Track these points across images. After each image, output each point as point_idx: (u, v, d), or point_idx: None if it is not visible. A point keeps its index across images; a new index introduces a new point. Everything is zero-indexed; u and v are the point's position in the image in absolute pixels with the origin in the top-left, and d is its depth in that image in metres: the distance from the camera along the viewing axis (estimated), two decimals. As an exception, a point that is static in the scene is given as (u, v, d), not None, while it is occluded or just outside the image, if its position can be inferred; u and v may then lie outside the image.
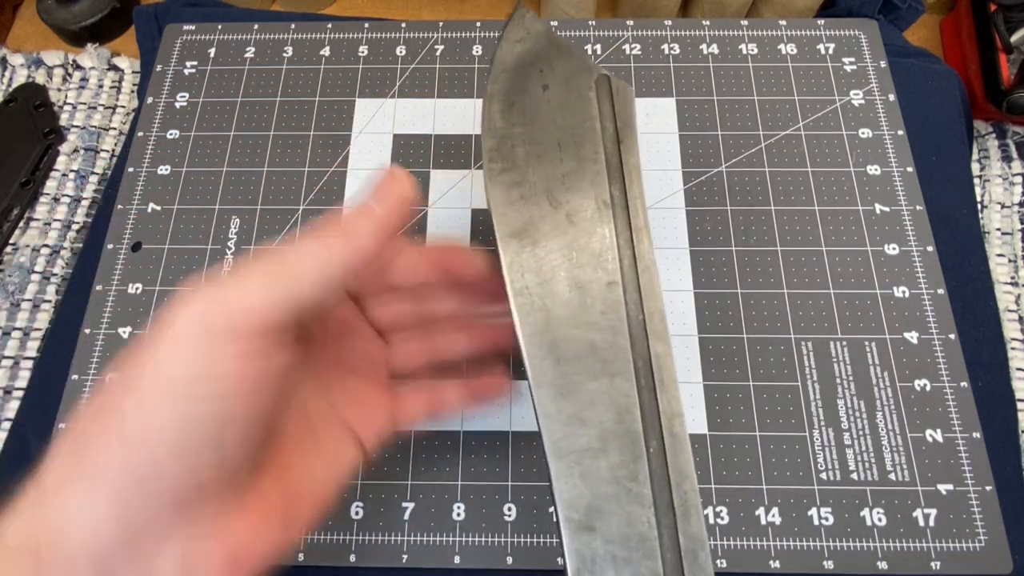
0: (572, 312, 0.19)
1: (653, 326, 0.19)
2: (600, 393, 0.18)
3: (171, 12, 0.41)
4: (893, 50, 0.39)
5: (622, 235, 0.20)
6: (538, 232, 0.20)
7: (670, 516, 0.17)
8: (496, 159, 0.21)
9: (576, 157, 0.21)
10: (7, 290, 0.36)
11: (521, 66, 0.22)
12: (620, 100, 0.22)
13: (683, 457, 0.18)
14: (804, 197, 0.35)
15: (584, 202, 0.20)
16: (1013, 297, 0.35)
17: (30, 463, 0.31)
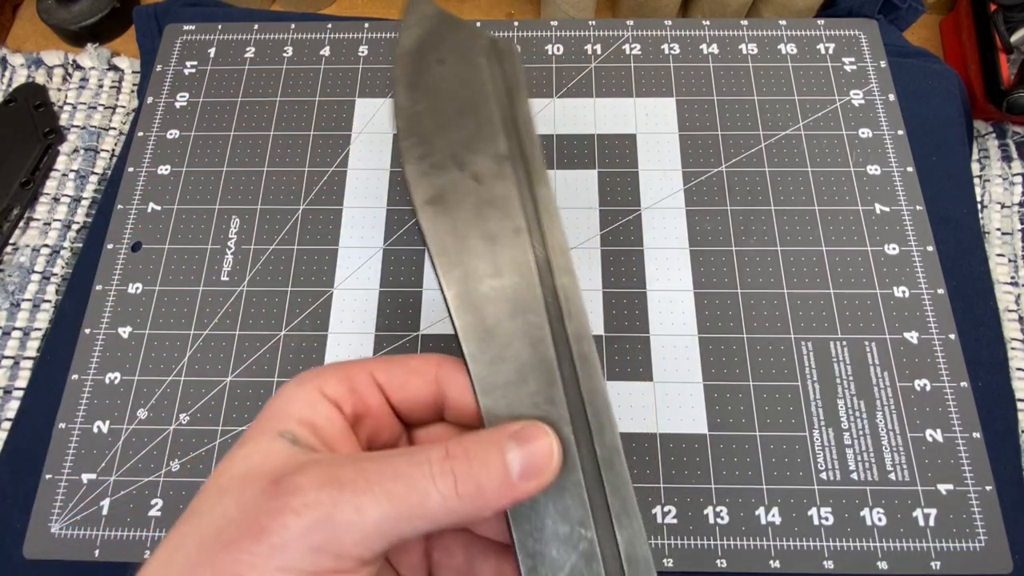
0: (487, 263, 0.20)
1: (557, 262, 0.21)
2: (516, 330, 0.20)
3: (171, 12, 0.41)
4: (893, 50, 0.39)
5: (523, 185, 0.22)
6: (451, 196, 0.21)
7: (586, 431, 0.19)
8: (407, 136, 0.22)
9: (475, 120, 0.22)
10: (7, 290, 0.36)
11: (419, 48, 0.23)
12: (507, 61, 0.23)
13: (595, 377, 0.19)
14: (804, 197, 0.35)
15: (486, 160, 0.22)
16: (1013, 297, 0.35)
17: (30, 463, 0.31)
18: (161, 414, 0.32)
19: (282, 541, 0.15)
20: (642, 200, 0.35)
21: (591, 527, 0.18)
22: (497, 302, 0.20)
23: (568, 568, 0.18)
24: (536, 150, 0.22)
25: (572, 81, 0.38)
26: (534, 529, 0.18)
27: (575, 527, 0.18)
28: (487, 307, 0.20)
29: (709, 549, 0.29)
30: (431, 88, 0.22)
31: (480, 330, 0.20)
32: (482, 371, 0.19)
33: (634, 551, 0.18)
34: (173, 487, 0.30)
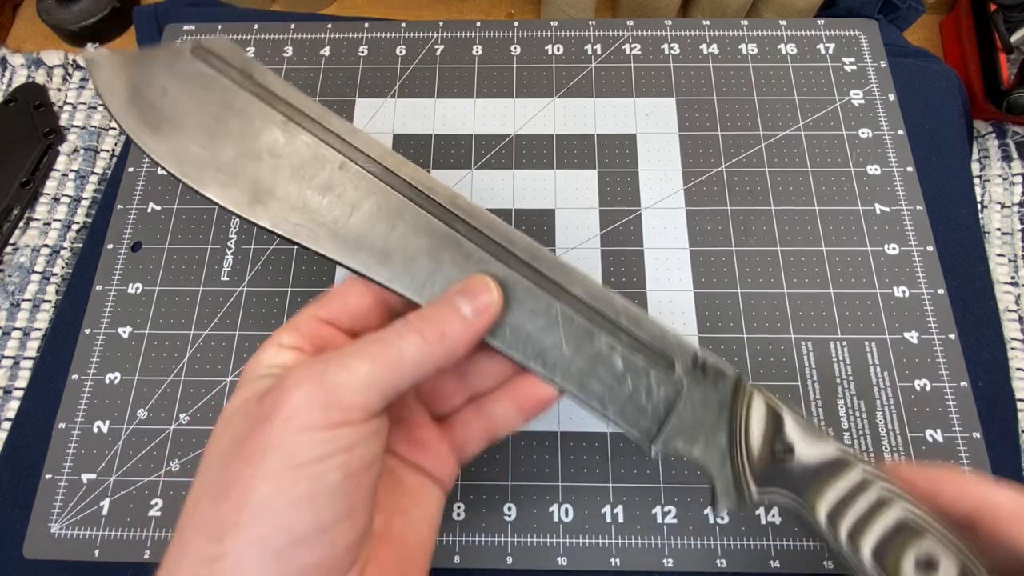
0: (339, 208, 0.22)
1: (391, 163, 0.23)
2: (404, 233, 0.22)
3: (171, 12, 0.41)
4: (893, 50, 0.39)
5: (316, 131, 0.23)
6: (265, 185, 0.22)
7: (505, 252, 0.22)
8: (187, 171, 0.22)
9: (236, 114, 0.23)
10: (7, 290, 0.36)
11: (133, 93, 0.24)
12: (224, 51, 0.24)
13: (481, 216, 0.22)
14: (804, 197, 0.35)
15: (271, 135, 0.23)
16: (1013, 297, 0.35)
17: (30, 463, 0.31)
18: (161, 414, 0.32)
19: (292, 409, 0.17)
20: (642, 200, 0.35)
21: (554, 302, 0.21)
22: (374, 226, 0.22)
23: (562, 339, 0.21)
24: (305, 99, 0.24)
25: (572, 81, 0.38)
26: (524, 341, 0.21)
27: (546, 313, 0.21)
28: (369, 237, 0.22)
29: (709, 549, 0.29)
30: (172, 119, 0.23)
31: (377, 256, 0.22)
32: (405, 280, 0.22)
33: (590, 290, 0.22)
34: (173, 487, 0.30)
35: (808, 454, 0.20)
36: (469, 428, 0.23)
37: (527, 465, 0.30)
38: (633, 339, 0.22)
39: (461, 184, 0.36)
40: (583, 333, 0.21)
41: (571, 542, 0.29)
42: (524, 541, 0.29)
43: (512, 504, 0.30)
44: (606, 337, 0.21)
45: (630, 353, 0.21)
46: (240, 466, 0.17)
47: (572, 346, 0.21)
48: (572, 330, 0.21)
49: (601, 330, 0.21)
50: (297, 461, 0.16)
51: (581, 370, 0.21)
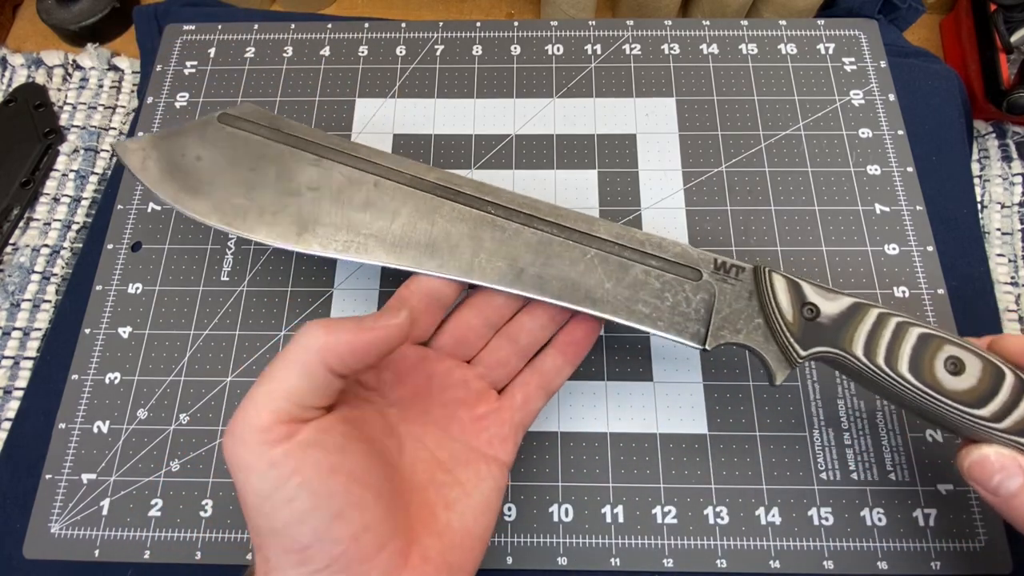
0: (381, 219, 0.25)
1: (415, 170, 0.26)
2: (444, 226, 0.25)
3: (171, 12, 0.41)
4: (893, 50, 0.39)
5: (345, 160, 0.26)
6: (311, 216, 0.25)
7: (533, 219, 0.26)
8: (234, 222, 0.26)
9: (271, 161, 0.26)
10: (7, 290, 0.36)
11: (168, 168, 0.27)
12: (248, 113, 0.28)
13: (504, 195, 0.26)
14: (804, 197, 0.35)
15: (307, 173, 0.26)
16: (1013, 297, 0.35)
17: (30, 463, 0.31)
18: (161, 414, 0.32)
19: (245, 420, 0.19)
20: (642, 200, 0.35)
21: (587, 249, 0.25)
22: (415, 228, 0.25)
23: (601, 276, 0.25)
24: (328, 137, 0.27)
25: (572, 81, 0.38)
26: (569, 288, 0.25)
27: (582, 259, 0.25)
28: (413, 237, 0.25)
29: (709, 549, 0.29)
30: (210, 180, 0.26)
31: (425, 251, 0.25)
32: (452, 266, 0.25)
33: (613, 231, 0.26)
34: (173, 487, 0.30)
35: (831, 308, 0.24)
36: (528, 388, 0.26)
37: (527, 465, 0.30)
38: (661, 260, 0.25)
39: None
40: (618, 267, 0.25)
41: (571, 542, 0.29)
42: (524, 541, 0.29)
43: (512, 504, 0.30)
44: (639, 266, 0.25)
45: (662, 273, 0.25)
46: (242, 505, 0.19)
47: (612, 280, 0.25)
48: (608, 267, 0.25)
49: (633, 261, 0.25)
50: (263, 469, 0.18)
51: (626, 298, 0.25)
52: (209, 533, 0.29)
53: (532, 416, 0.26)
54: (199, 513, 0.30)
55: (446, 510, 0.21)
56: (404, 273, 0.25)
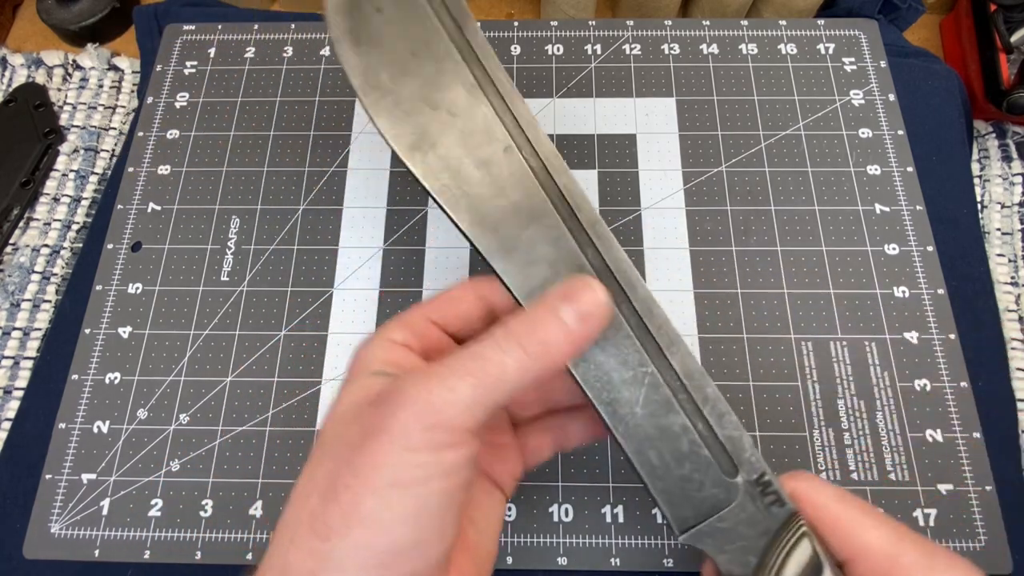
0: (487, 187, 0.22)
1: (552, 166, 0.22)
2: (535, 236, 0.22)
3: (171, 12, 0.41)
4: (893, 50, 0.39)
5: (498, 106, 0.23)
6: (432, 136, 0.22)
7: (622, 294, 0.21)
8: (368, 91, 0.22)
9: (432, 58, 0.23)
10: (7, 290, 0.36)
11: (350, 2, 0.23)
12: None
13: (614, 250, 0.22)
14: (804, 197, 0.35)
15: (455, 93, 0.23)
16: (1013, 297, 0.35)
17: (30, 463, 0.31)
18: (161, 414, 0.32)
19: (401, 430, 0.17)
20: (642, 200, 0.35)
21: (649, 363, 0.21)
22: (510, 217, 0.22)
23: (641, 400, 0.21)
24: (501, 72, 0.23)
25: (572, 81, 0.38)
26: (603, 385, 0.21)
27: (636, 368, 0.21)
28: (502, 224, 0.22)
29: (709, 549, 0.29)
30: (375, 38, 0.23)
31: (502, 246, 0.22)
32: (517, 280, 0.22)
33: (688, 367, 0.21)
34: (173, 487, 0.30)
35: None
36: (543, 436, 0.24)
37: (527, 465, 0.30)
38: (710, 431, 0.21)
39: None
40: (663, 404, 0.21)
41: (571, 542, 0.29)
42: (524, 541, 0.29)
43: (512, 504, 0.30)
44: (684, 418, 0.21)
45: (700, 443, 0.21)
46: (350, 477, 0.17)
47: (647, 411, 0.21)
48: (654, 396, 0.21)
49: (682, 409, 0.21)
50: (402, 481, 0.17)
51: (646, 436, 0.21)
52: (209, 533, 0.29)
53: (537, 463, 0.24)
54: (199, 513, 0.30)
55: (471, 526, 0.21)
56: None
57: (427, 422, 0.17)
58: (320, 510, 0.17)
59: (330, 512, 0.17)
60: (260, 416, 0.31)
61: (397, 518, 0.17)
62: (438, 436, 0.17)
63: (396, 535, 0.17)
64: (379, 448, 0.17)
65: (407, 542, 0.17)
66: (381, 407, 0.18)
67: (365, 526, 0.17)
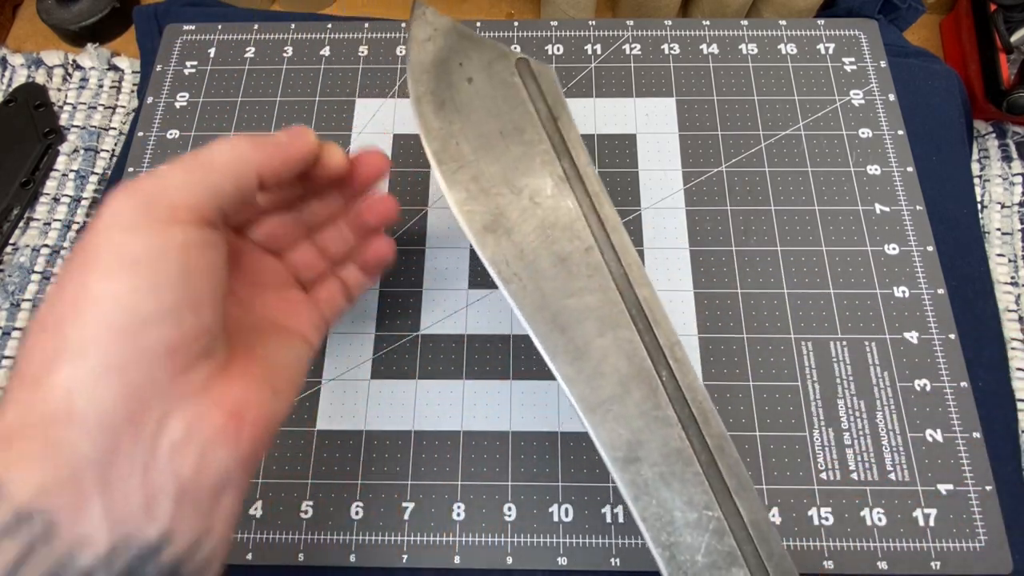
0: (562, 284, 0.21)
1: (634, 276, 0.21)
2: (608, 346, 0.21)
3: (171, 12, 0.41)
4: (893, 50, 0.39)
5: (584, 204, 0.22)
6: (509, 220, 0.21)
7: (694, 426, 0.20)
8: (446, 160, 0.22)
9: (521, 142, 0.22)
10: (7, 290, 0.36)
11: (440, 63, 0.23)
12: (544, 80, 0.23)
13: (690, 375, 0.21)
14: (804, 197, 0.35)
15: (542, 182, 0.22)
16: (1013, 297, 0.35)
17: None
18: (161, 414, 0.31)
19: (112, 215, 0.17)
20: (642, 200, 0.35)
21: (716, 507, 0.19)
22: (583, 321, 0.21)
23: (703, 547, 0.19)
24: (591, 169, 0.22)
25: (572, 81, 0.38)
26: (664, 524, 0.19)
27: (702, 512, 0.19)
28: (573, 327, 0.20)
29: (709, 549, 0.29)
30: (464, 107, 0.22)
31: (572, 350, 0.20)
32: (583, 390, 0.20)
33: (755, 516, 0.20)
34: (173, 487, 0.30)
35: None
36: (330, 290, 0.26)
37: (527, 465, 0.30)
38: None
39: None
40: (726, 555, 0.19)
41: (571, 542, 0.29)
42: (524, 541, 0.29)
43: (512, 504, 0.30)
44: (746, 573, 0.19)
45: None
46: (71, 274, 0.17)
47: (708, 560, 0.19)
48: (717, 545, 0.19)
49: (746, 563, 0.19)
50: (128, 257, 0.17)
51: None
52: (209, 533, 0.29)
53: (336, 315, 0.26)
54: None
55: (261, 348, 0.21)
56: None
57: (142, 200, 0.17)
58: (48, 312, 0.17)
59: (58, 309, 0.17)
60: (260, 416, 0.31)
61: (131, 289, 0.16)
62: (159, 212, 0.17)
63: (134, 305, 0.16)
64: (94, 238, 0.17)
65: (151, 311, 0.16)
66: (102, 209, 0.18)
67: (96, 303, 0.16)
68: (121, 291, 0.16)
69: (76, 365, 0.16)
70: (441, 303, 0.33)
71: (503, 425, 0.31)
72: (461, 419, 0.31)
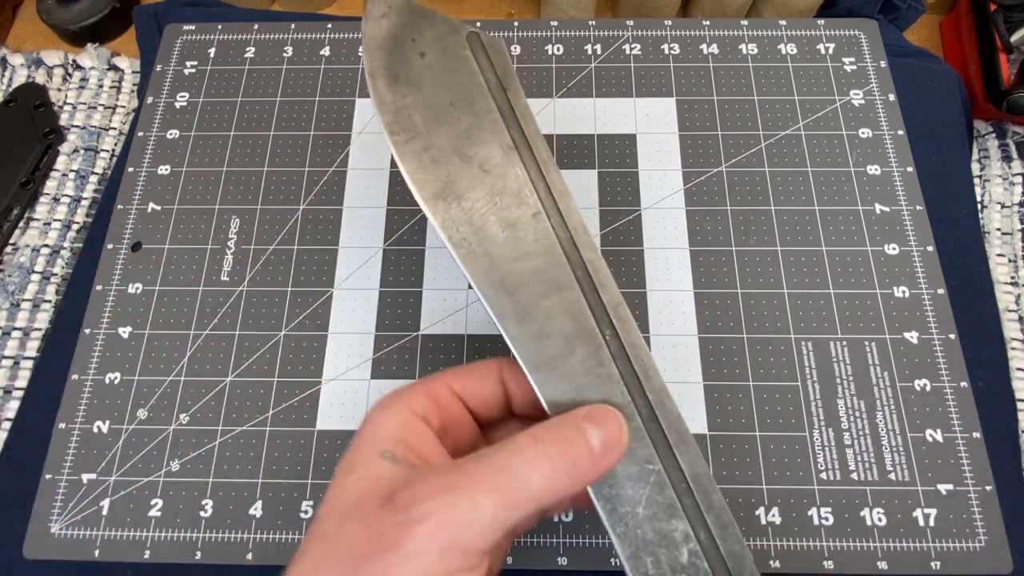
0: (510, 248, 0.22)
1: (579, 239, 0.22)
2: (554, 307, 0.21)
3: (171, 12, 0.41)
4: (893, 50, 0.39)
5: (532, 171, 0.23)
6: (458, 188, 0.22)
7: (636, 382, 0.21)
8: (398, 131, 0.22)
9: (471, 112, 0.23)
10: (7, 290, 0.36)
11: (393, 39, 0.23)
12: (494, 52, 0.24)
13: (633, 334, 0.21)
14: (804, 197, 0.35)
15: (491, 150, 0.23)
16: (1013, 297, 0.35)
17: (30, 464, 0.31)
18: (161, 414, 0.32)
19: (414, 549, 0.16)
20: (642, 200, 0.35)
21: (657, 461, 0.20)
22: (530, 284, 0.21)
23: (644, 500, 0.20)
24: (539, 138, 0.23)
25: (572, 81, 0.38)
26: (606, 477, 0.20)
27: (643, 465, 0.20)
28: (520, 290, 0.21)
29: (709, 549, 0.29)
30: (416, 80, 0.23)
31: (519, 311, 0.21)
32: (528, 349, 0.21)
33: (696, 470, 0.20)
34: (173, 487, 0.30)
35: None
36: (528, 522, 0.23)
37: (527, 465, 0.30)
38: (712, 543, 0.20)
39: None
40: (666, 507, 0.20)
41: (571, 542, 0.29)
42: (524, 541, 0.29)
43: (512, 504, 0.30)
44: (686, 525, 0.20)
45: (701, 555, 0.20)
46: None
47: (648, 512, 0.20)
48: (658, 498, 0.20)
49: (685, 515, 0.20)
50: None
51: (644, 540, 0.20)
52: (209, 533, 0.29)
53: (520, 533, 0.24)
54: (199, 513, 0.30)
55: None
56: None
57: (444, 544, 0.16)
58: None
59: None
60: (260, 416, 0.31)
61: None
62: (454, 560, 0.16)
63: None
64: (390, 567, 0.16)
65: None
66: (395, 515, 0.16)
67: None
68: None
69: None
70: (441, 303, 0.33)
71: (503, 425, 0.31)
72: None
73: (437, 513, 0.16)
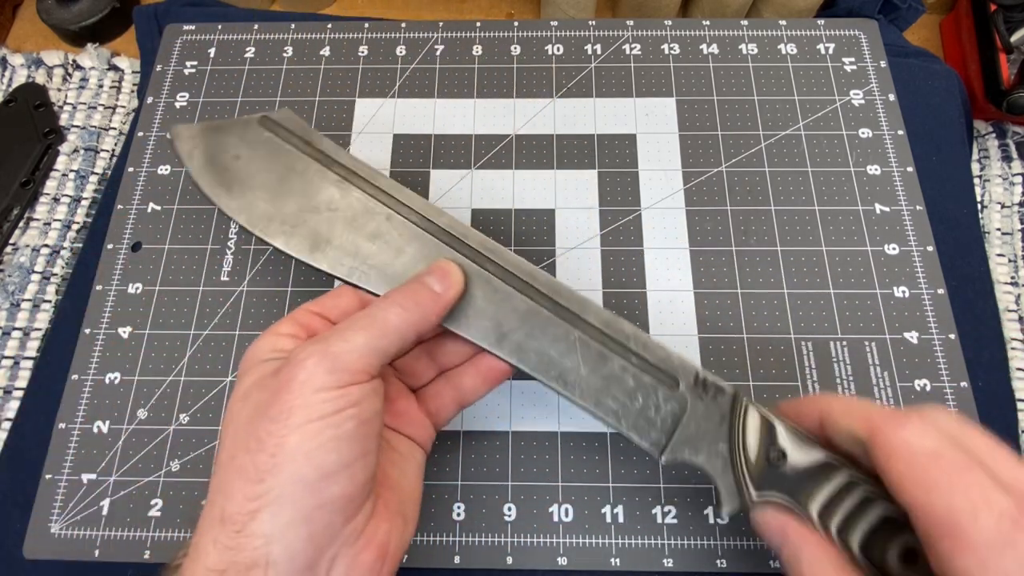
0: (386, 253, 0.26)
1: (430, 213, 0.26)
2: None
3: (171, 12, 0.41)
4: (893, 50, 0.39)
5: (366, 188, 0.27)
6: (324, 235, 0.26)
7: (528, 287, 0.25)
8: (255, 223, 0.26)
9: (297, 175, 0.27)
10: (7, 290, 0.36)
11: (210, 160, 0.28)
12: (287, 121, 0.28)
13: (507, 255, 0.26)
14: (804, 197, 0.35)
15: (328, 192, 0.27)
16: (1013, 297, 0.35)
17: (30, 463, 0.31)
18: (161, 414, 0.32)
19: (306, 375, 0.20)
20: (642, 200, 0.35)
21: (573, 331, 0.24)
22: (415, 267, 0.25)
23: (580, 362, 0.24)
24: (356, 161, 0.27)
25: (572, 81, 0.38)
26: (547, 365, 0.24)
27: (565, 339, 0.24)
28: (407, 275, 0.25)
29: (709, 549, 0.29)
30: (244, 180, 0.27)
31: None
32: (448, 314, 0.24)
33: (603, 318, 0.25)
34: (173, 487, 0.30)
35: (799, 459, 0.22)
36: (441, 398, 0.26)
37: (527, 465, 0.30)
38: (642, 360, 0.24)
39: (461, 184, 0.36)
40: (598, 356, 0.24)
41: (571, 542, 0.29)
42: (524, 541, 0.29)
43: (512, 504, 0.30)
44: (618, 359, 0.24)
45: (640, 373, 0.24)
46: (269, 425, 0.19)
47: (588, 367, 0.24)
48: (588, 353, 0.24)
49: (614, 353, 0.24)
50: (318, 415, 0.19)
51: (597, 389, 0.24)
52: (209, 533, 0.29)
53: (444, 422, 0.27)
54: (199, 513, 0.30)
55: (392, 468, 0.23)
56: None
57: (329, 366, 0.20)
58: (248, 460, 0.19)
59: (259, 459, 0.19)
60: (260, 416, 0.31)
61: (320, 447, 0.19)
62: (342, 376, 0.20)
63: (322, 462, 0.19)
64: (291, 395, 0.20)
65: (333, 466, 0.19)
66: (285, 368, 0.20)
67: (293, 460, 0.19)
68: (311, 448, 0.19)
69: (274, 515, 0.19)
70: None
71: (503, 425, 0.31)
72: (461, 420, 0.31)
73: (318, 352, 0.20)
